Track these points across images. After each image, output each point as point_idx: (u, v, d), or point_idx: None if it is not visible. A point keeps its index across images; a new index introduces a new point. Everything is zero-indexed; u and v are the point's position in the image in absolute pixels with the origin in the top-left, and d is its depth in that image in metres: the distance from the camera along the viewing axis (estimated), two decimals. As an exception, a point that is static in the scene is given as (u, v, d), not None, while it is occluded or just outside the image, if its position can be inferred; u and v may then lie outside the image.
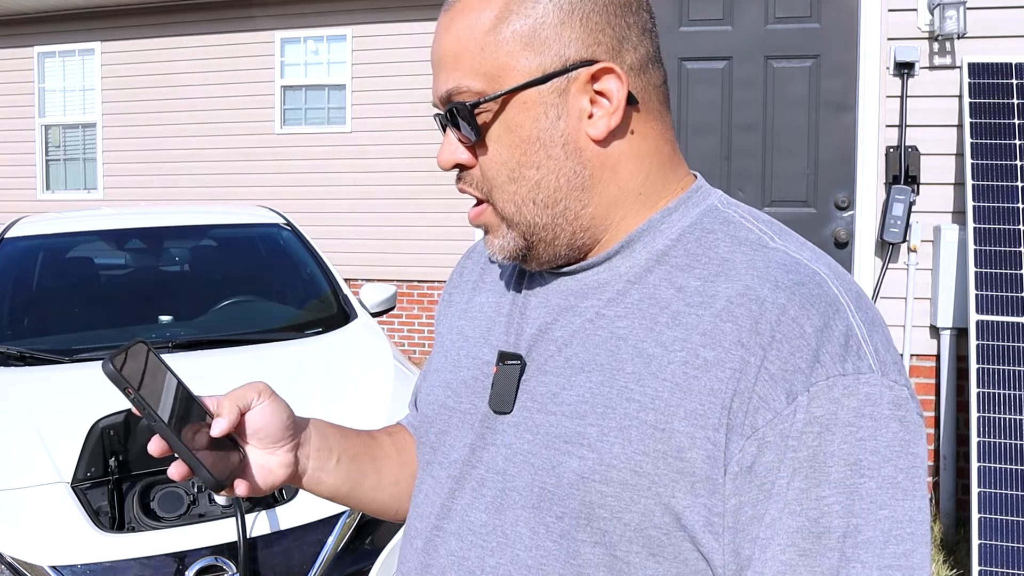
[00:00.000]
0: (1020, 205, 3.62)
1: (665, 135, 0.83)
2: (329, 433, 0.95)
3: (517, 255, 0.82)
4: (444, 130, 0.83)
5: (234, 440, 0.86)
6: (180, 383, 0.85)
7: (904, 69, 3.91)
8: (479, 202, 0.84)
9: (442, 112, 0.81)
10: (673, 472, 0.71)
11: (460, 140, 0.81)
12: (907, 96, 3.92)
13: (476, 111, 0.78)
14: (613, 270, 0.81)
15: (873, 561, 0.67)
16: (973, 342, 3.47)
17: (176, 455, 0.81)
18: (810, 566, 0.68)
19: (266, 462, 0.88)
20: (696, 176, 0.86)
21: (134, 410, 0.81)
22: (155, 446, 0.82)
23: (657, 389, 0.73)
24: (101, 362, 0.79)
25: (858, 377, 0.69)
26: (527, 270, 0.89)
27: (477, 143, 0.80)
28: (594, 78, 0.77)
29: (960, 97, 3.88)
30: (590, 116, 0.78)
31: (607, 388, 0.76)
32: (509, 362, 0.83)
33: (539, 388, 0.80)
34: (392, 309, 3.88)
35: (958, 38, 3.84)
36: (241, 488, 0.86)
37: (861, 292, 0.76)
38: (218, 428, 0.83)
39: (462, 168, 0.83)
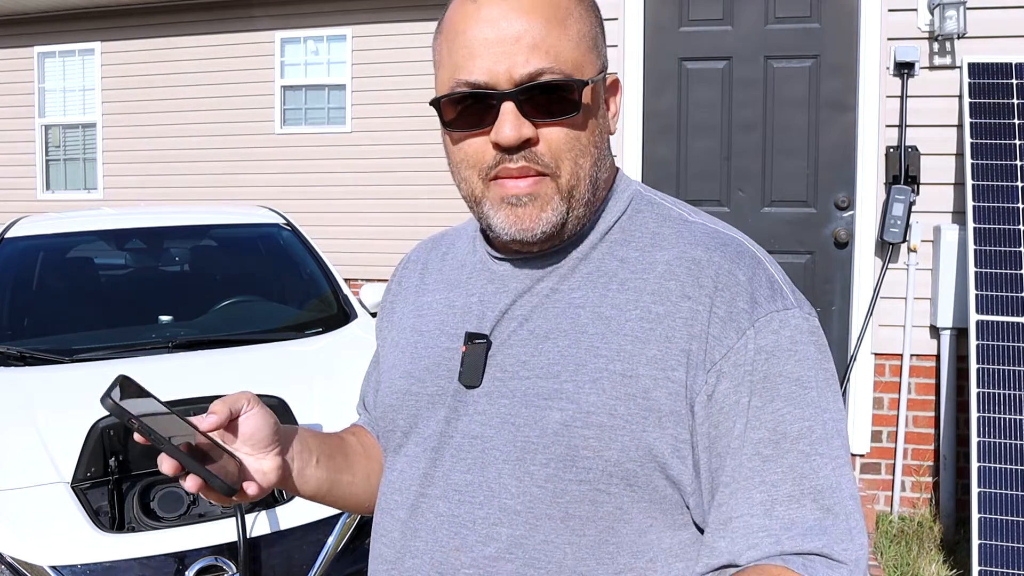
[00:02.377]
0: (1020, 205, 3.63)
1: None
2: (306, 436, 1.03)
3: (554, 230, 0.89)
4: (496, 107, 0.85)
5: (228, 451, 0.92)
6: (167, 405, 0.90)
7: (904, 69, 3.91)
8: (527, 177, 0.88)
9: (509, 89, 0.85)
10: (643, 411, 0.85)
11: (535, 116, 0.86)
12: (907, 96, 3.92)
13: (577, 91, 0.87)
14: (564, 253, 0.93)
15: (827, 453, 0.84)
16: (973, 342, 3.47)
17: (186, 471, 0.86)
18: (773, 469, 0.83)
19: (260, 466, 0.94)
20: (618, 168, 1.01)
21: (138, 438, 0.85)
22: (168, 466, 0.86)
23: (620, 343, 0.87)
24: (99, 398, 0.83)
25: (786, 312, 0.86)
26: (518, 252, 0.95)
27: (553, 120, 0.87)
28: (612, 83, 0.95)
29: (960, 97, 3.88)
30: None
31: (575, 349, 0.88)
32: (476, 341, 0.93)
33: (507, 360, 0.91)
34: (392, 309, 3.87)
35: (958, 38, 3.84)
36: (252, 489, 0.92)
37: (766, 252, 0.93)
38: (207, 423, 0.90)
39: (524, 146, 0.86)
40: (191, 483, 0.86)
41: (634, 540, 0.86)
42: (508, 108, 0.85)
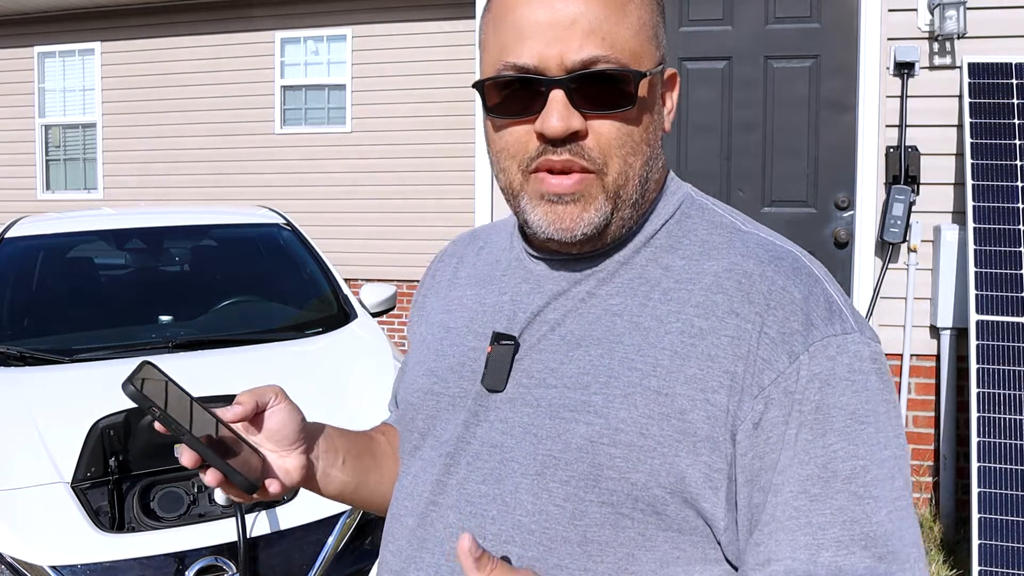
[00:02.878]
0: (1020, 205, 3.62)
1: None
2: (333, 435, 0.99)
3: (596, 231, 0.82)
4: (545, 94, 0.79)
5: (251, 445, 0.89)
6: (189, 396, 0.86)
7: (904, 69, 3.91)
8: (569, 173, 0.81)
9: (560, 76, 0.78)
10: (676, 433, 0.77)
11: (586, 107, 0.79)
12: (907, 96, 3.92)
13: (633, 83, 0.80)
14: (606, 256, 0.87)
15: (884, 495, 0.75)
16: (973, 342, 3.47)
17: (207, 463, 0.82)
18: (820, 510, 0.74)
19: (283, 464, 0.90)
20: (669, 169, 0.94)
21: (158, 427, 0.82)
22: (188, 458, 0.82)
23: (657, 358, 0.79)
24: (122, 384, 0.79)
25: (845, 337, 0.77)
26: (563, 252, 0.88)
27: (605, 113, 0.80)
28: (671, 77, 0.89)
29: (960, 97, 3.88)
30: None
31: (608, 359, 0.81)
32: (504, 342, 0.87)
33: (534, 366, 0.85)
34: (392, 309, 3.88)
35: (958, 38, 3.84)
36: (274, 487, 0.88)
37: (824, 268, 0.85)
38: (231, 414, 0.86)
39: (571, 138, 0.79)
40: (211, 477, 0.82)
41: (655, 570, 0.78)
42: (557, 96, 0.78)
